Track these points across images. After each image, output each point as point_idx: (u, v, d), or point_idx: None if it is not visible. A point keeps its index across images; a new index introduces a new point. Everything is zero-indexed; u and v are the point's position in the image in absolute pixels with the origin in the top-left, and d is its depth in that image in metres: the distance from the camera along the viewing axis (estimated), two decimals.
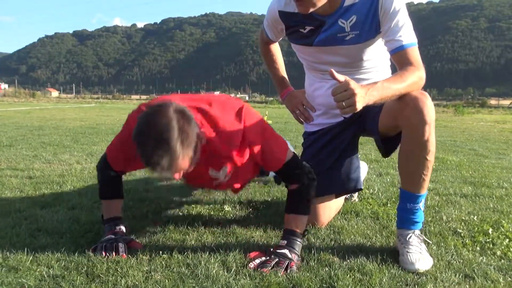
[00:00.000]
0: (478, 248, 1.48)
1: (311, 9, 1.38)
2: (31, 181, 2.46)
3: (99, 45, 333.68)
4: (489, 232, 1.63)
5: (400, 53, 1.37)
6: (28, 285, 1.13)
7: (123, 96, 54.45)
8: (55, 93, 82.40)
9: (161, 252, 1.36)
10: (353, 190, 1.82)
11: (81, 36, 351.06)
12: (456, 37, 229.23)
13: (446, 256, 1.39)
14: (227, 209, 1.92)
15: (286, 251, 1.34)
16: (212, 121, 1.31)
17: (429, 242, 1.48)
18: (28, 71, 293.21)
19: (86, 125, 6.99)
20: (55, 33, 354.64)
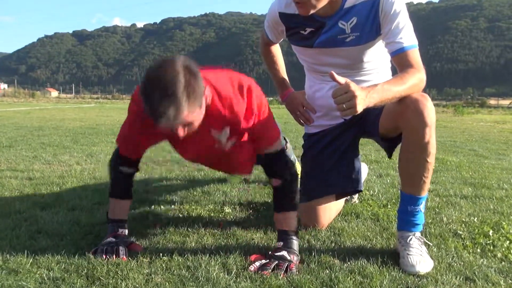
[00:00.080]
0: (479, 250, 1.48)
1: (312, 11, 1.38)
2: (31, 182, 2.46)
3: (99, 45, 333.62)
4: (490, 234, 1.63)
5: (401, 55, 1.37)
6: None
7: (123, 96, 54.41)
8: (55, 93, 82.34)
9: (161, 255, 1.36)
10: (354, 192, 1.82)
11: (81, 36, 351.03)
12: (456, 37, 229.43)
13: (447, 258, 1.39)
14: (227, 211, 1.92)
15: (285, 253, 1.34)
16: (217, 85, 1.32)
17: (430, 244, 1.48)
18: (28, 71, 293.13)
19: (86, 126, 6.99)
20: (55, 33, 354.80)
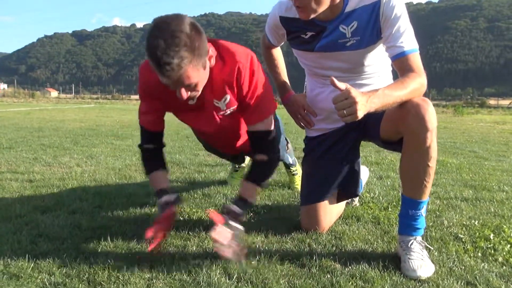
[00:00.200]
0: (480, 254, 1.48)
1: (312, 15, 1.38)
2: (32, 185, 2.46)
3: (99, 45, 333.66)
4: (491, 238, 1.63)
5: (401, 59, 1.37)
6: None
7: (123, 96, 54.39)
8: (55, 93, 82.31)
9: (162, 258, 1.36)
10: (354, 195, 1.82)
11: (81, 36, 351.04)
12: (455, 37, 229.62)
13: (448, 263, 1.39)
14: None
15: (241, 228, 1.44)
16: (219, 51, 1.36)
17: (431, 248, 1.48)
18: (28, 71, 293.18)
19: (86, 127, 6.98)
20: (55, 33, 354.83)
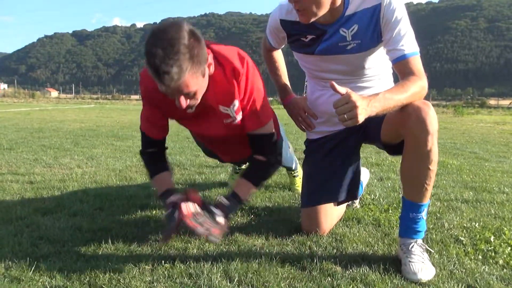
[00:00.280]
0: (480, 257, 1.48)
1: (313, 19, 1.38)
2: (32, 186, 2.46)
3: (99, 45, 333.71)
4: (491, 240, 1.63)
5: (402, 63, 1.37)
6: None
7: (123, 96, 54.39)
8: (55, 93, 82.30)
9: (164, 262, 1.36)
10: (354, 198, 1.82)
11: (81, 36, 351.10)
12: (456, 37, 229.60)
13: (449, 265, 1.39)
14: (229, 216, 1.92)
15: (219, 213, 1.40)
16: (218, 57, 1.35)
17: (431, 251, 1.48)
18: (28, 71, 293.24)
19: (86, 127, 6.98)
20: (55, 33, 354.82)
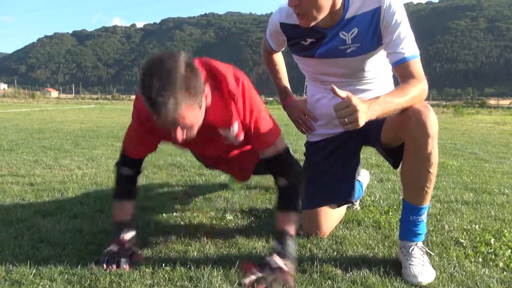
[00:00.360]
0: (481, 259, 1.48)
1: (313, 23, 1.38)
2: (32, 188, 2.46)
3: (99, 45, 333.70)
4: (491, 242, 1.63)
5: (402, 66, 1.37)
6: None
7: (123, 96, 54.35)
8: (55, 93, 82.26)
9: (164, 265, 1.36)
10: (354, 200, 1.83)
11: (81, 36, 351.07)
12: (456, 37, 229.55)
13: (449, 268, 1.39)
14: (229, 218, 1.92)
15: (281, 263, 1.29)
16: (215, 73, 1.33)
17: (432, 254, 1.48)
18: (28, 71, 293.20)
19: (86, 128, 6.98)
20: (55, 33, 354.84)
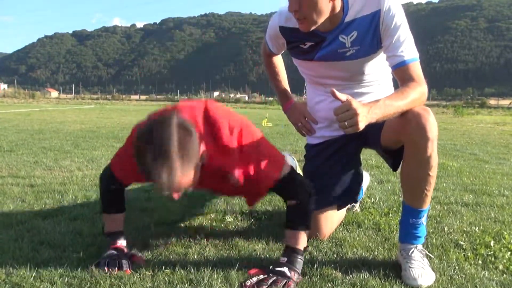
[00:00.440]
0: (480, 262, 1.48)
1: (313, 27, 1.38)
2: (33, 190, 2.46)
3: (99, 45, 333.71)
4: (491, 245, 1.63)
5: (402, 69, 1.37)
6: None
7: (123, 96, 54.38)
8: (55, 93, 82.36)
9: (164, 267, 1.36)
10: (354, 202, 1.83)
11: (81, 36, 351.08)
12: (456, 37, 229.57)
13: (448, 271, 1.39)
14: (229, 220, 1.92)
15: (285, 269, 1.30)
16: (212, 128, 1.29)
17: (431, 257, 1.48)
18: (28, 71, 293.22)
19: (86, 128, 6.99)
20: (55, 33, 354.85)
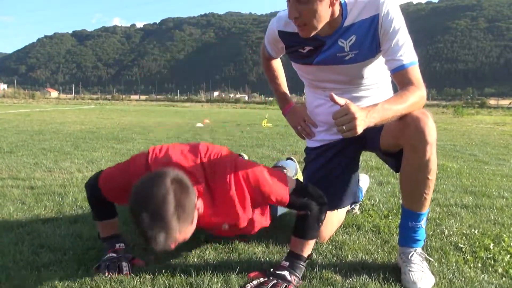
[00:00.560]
0: (480, 265, 1.49)
1: (313, 33, 1.38)
2: (33, 192, 2.46)
3: (99, 45, 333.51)
4: (491, 247, 1.64)
5: (401, 73, 1.37)
6: None
7: (123, 97, 54.37)
8: (55, 93, 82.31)
9: (164, 271, 1.37)
10: (354, 203, 1.83)
11: (81, 36, 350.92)
12: (455, 37, 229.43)
13: (448, 274, 1.39)
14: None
15: (286, 273, 1.31)
16: (214, 168, 1.29)
17: (431, 260, 1.49)
18: (28, 71, 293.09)
19: (86, 129, 6.99)
20: (55, 33, 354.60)
